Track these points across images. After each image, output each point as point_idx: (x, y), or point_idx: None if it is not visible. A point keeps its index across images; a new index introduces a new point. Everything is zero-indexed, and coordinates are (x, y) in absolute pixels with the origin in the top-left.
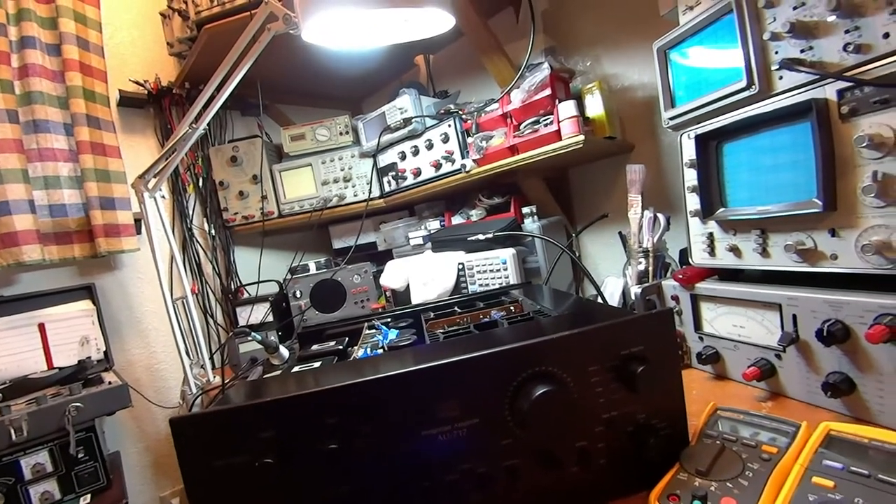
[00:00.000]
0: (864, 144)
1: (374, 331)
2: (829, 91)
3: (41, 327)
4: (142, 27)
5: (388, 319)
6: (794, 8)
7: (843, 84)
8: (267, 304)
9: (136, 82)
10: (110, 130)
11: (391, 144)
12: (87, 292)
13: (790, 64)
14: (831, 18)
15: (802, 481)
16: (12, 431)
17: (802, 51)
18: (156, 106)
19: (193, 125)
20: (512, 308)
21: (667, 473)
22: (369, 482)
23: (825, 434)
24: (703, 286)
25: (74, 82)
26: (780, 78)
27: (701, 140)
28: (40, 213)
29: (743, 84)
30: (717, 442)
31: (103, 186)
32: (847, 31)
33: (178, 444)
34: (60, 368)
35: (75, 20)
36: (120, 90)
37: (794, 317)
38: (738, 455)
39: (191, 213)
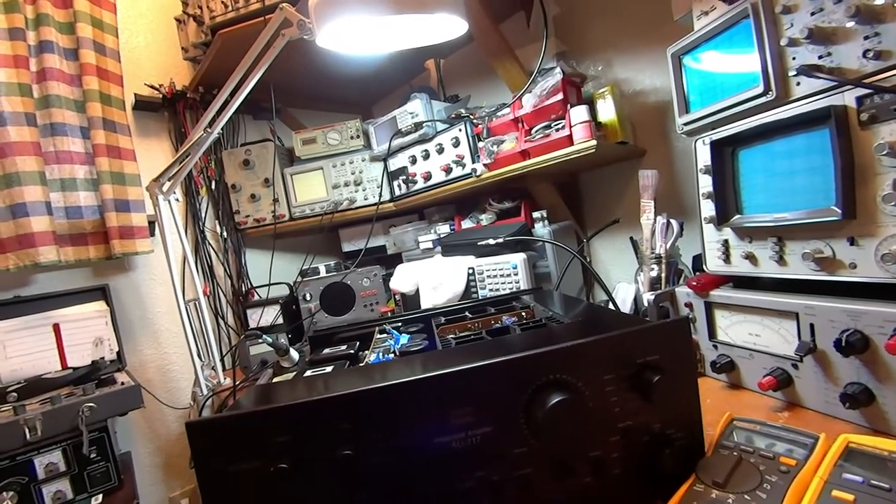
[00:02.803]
0: (885, 152)
1: (385, 335)
2: (848, 98)
3: (56, 327)
4: (157, 32)
5: (399, 324)
6: (812, 14)
7: (862, 91)
8: (277, 307)
9: (152, 86)
10: (126, 134)
11: (402, 148)
12: (101, 293)
13: (808, 70)
14: (850, 24)
15: (822, 495)
16: (27, 431)
17: (821, 57)
18: (170, 110)
19: (208, 129)
20: (523, 314)
21: (683, 485)
22: (382, 488)
23: (844, 446)
24: (718, 294)
25: (91, 86)
26: (798, 84)
27: (716, 146)
28: (57, 215)
29: (760, 90)
30: (734, 453)
31: (118, 189)
32: (866, 38)
33: (194, 448)
34: (74, 368)
35: (92, 25)
36: (135, 94)
37: (812, 326)
38: (756, 467)
39: (203, 215)
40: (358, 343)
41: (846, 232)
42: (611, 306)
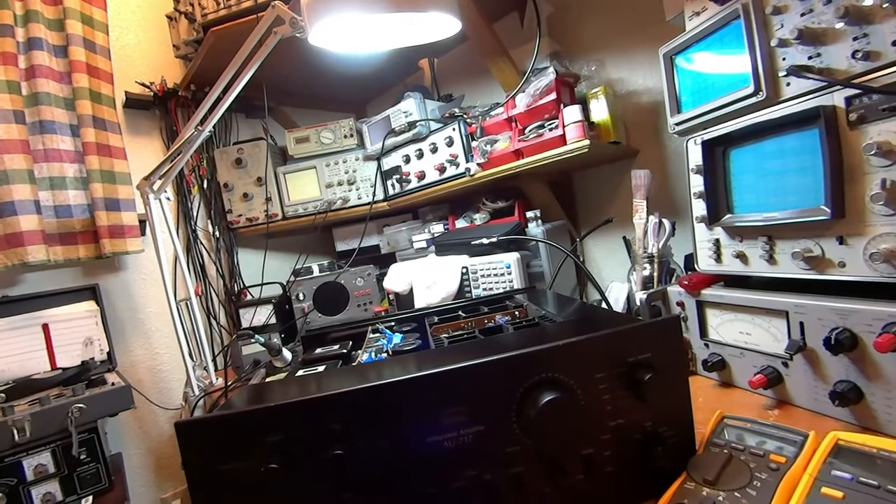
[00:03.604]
0: (873, 152)
1: (378, 335)
2: (838, 98)
3: (45, 328)
4: (148, 29)
5: (392, 323)
6: (802, 14)
7: (851, 91)
8: (270, 307)
9: (143, 84)
10: (116, 132)
11: (395, 148)
12: (91, 293)
13: (798, 70)
14: (839, 25)
15: (811, 492)
16: (15, 432)
17: (810, 57)
18: (161, 108)
19: (199, 127)
20: (517, 313)
21: (674, 482)
22: (374, 488)
23: (833, 444)
24: (709, 292)
25: (81, 84)
26: (788, 84)
27: (707, 146)
28: (45, 214)
29: (750, 90)
30: (725, 451)
31: (108, 188)
32: (855, 39)
33: (184, 449)
34: (64, 369)
35: (82, 22)
36: (126, 92)
37: (802, 324)
38: (746, 464)
39: (195, 214)
40: (351, 343)
41: (835, 231)
42: (604, 305)
